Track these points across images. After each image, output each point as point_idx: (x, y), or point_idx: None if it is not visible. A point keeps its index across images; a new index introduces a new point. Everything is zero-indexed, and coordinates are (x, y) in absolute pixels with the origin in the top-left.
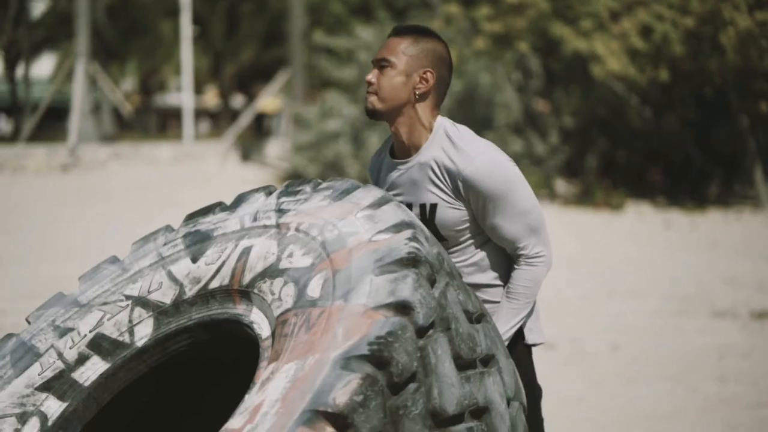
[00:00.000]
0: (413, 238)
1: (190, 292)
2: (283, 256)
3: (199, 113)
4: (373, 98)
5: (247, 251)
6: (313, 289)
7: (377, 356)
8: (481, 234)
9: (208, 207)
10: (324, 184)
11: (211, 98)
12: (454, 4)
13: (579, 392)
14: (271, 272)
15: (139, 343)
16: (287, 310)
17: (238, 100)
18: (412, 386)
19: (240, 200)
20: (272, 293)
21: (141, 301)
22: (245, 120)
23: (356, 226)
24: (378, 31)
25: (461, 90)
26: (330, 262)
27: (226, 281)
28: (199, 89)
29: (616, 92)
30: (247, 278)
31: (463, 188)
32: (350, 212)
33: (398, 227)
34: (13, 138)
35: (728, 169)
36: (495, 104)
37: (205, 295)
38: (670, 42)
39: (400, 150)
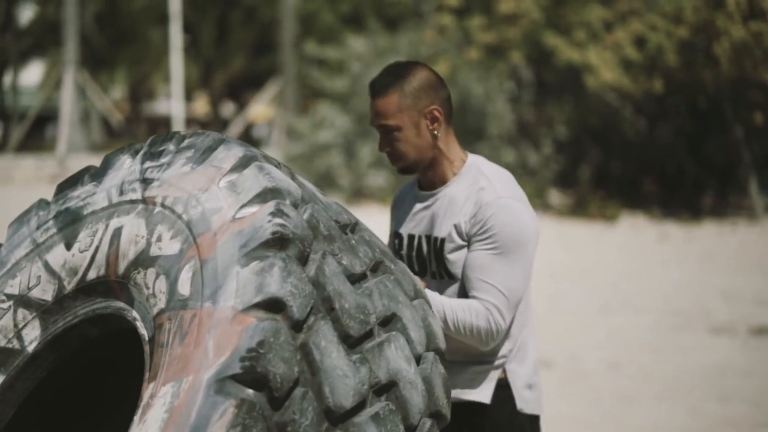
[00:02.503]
0: (277, 212)
1: (70, 285)
2: (153, 240)
3: (189, 121)
4: (399, 163)
5: (117, 234)
6: (183, 285)
7: (251, 374)
8: None
9: (76, 175)
10: (186, 142)
11: (201, 106)
12: (447, 14)
13: (577, 412)
14: (143, 260)
15: (30, 349)
16: (161, 311)
17: (228, 109)
18: (297, 393)
19: (106, 165)
20: (147, 287)
21: (22, 301)
22: (235, 129)
23: (219, 199)
24: (369, 41)
25: (454, 101)
26: (197, 248)
27: (102, 271)
28: (188, 97)
29: (610, 103)
30: (122, 267)
31: (475, 220)
32: (212, 180)
33: (262, 197)
34: (0, 147)
35: (723, 180)
36: (488, 115)
37: (86, 288)
38: (664, 52)
39: (426, 183)
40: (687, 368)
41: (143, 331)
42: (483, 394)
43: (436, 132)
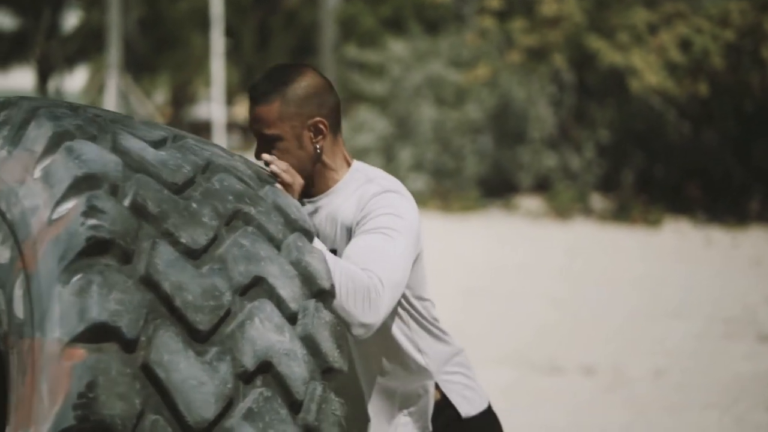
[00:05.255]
0: (90, 210)
1: None
2: None
3: (230, 126)
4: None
5: None
6: (18, 305)
7: (87, 424)
8: None
9: None
10: (3, 114)
11: (242, 111)
12: (488, 16)
13: (621, 421)
14: None
15: None
16: (5, 335)
17: None
18: (146, 425)
19: None
20: None
21: None
22: None
23: (35, 195)
24: (410, 45)
25: (495, 104)
26: (22, 259)
27: None
28: (229, 101)
29: (654, 106)
30: None
31: (359, 211)
32: (27, 169)
33: (75, 189)
34: None
35: None
36: (529, 118)
37: None
38: (710, 55)
39: (306, 191)
40: (734, 376)
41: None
42: (424, 425)
43: (319, 145)
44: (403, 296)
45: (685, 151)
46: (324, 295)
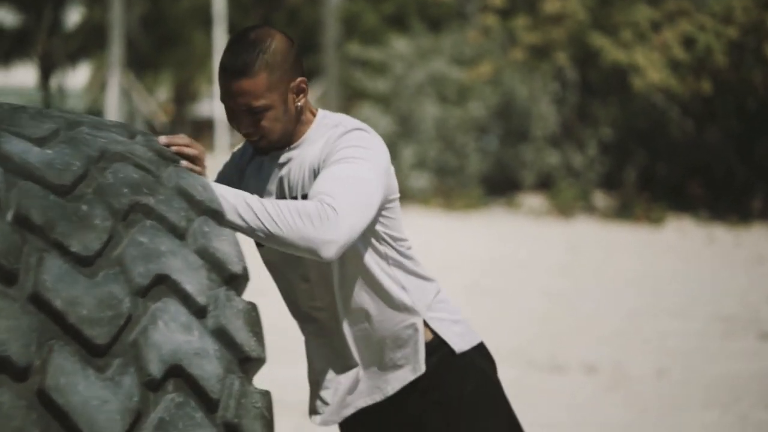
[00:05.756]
0: None
1: None
2: None
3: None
4: (263, 142)
5: None
6: None
7: None
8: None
9: None
10: None
11: None
12: (491, 14)
13: (623, 419)
14: None
15: None
16: None
17: None
18: None
19: None
20: None
21: None
22: None
23: None
24: (413, 42)
25: (498, 102)
26: None
27: None
28: None
29: (657, 104)
30: None
31: (325, 151)
32: None
33: None
34: None
35: None
36: (532, 116)
37: None
38: (713, 53)
39: (278, 146)
40: (736, 375)
41: None
42: (416, 366)
43: (299, 104)
44: (378, 234)
45: (687, 149)
46: (236, 281)
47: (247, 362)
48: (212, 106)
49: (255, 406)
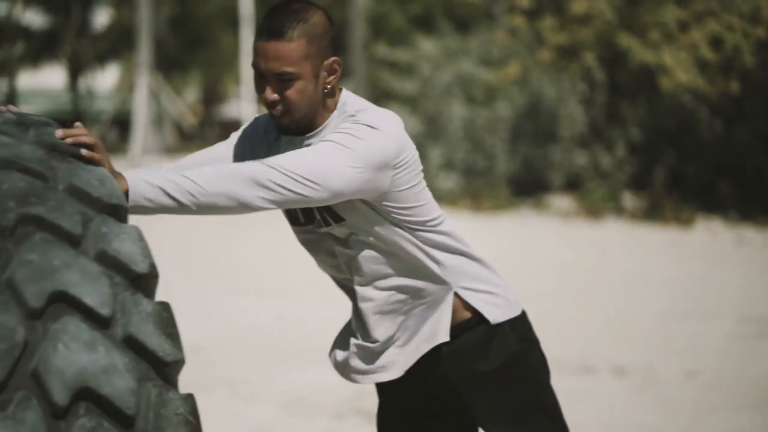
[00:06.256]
0: None
1: None
2: None
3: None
4: (286, 118)
5: None
6: None
7: None
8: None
9: None
10: None
11: None
12: (519, 15)
13: (652, 421)
14: None
15: None
16: None
17: None
18: None
19: None
20: None
21: None
22: None
23: None
24: (440, 43)
25: (525, 103)
26: None
27: None
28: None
29: (685, 104)
30: None
31: None
32: None
33: None
34: None
35: None
36: (560, 116)
37: None
38: (741, 53)
39: (299, 129)
40: (766, 377)
41: None
42: (439, 335)
43: (329, 86)
44: (400, 222)
45: (716, 150)
46: (143, 281)
47: (164, 367)
48: (240, 107)
49: (177, 413)
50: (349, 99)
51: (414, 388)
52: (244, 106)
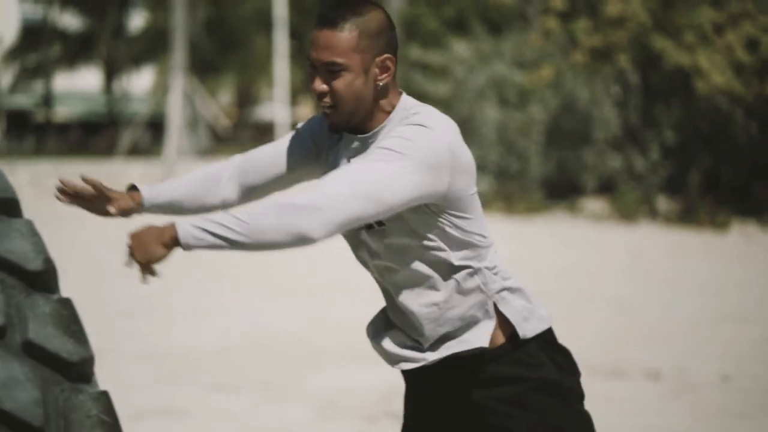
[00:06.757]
0: None
1: None
2: None
3: (294, 126)
4: (334, 114)
5: None
6: None
7: None
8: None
9: None
10: None
11: (306, 111)
12: (552, 17)
13: (686, 427)
14: None
15: None
16: None
17: None
18: None
19: None
20: None
21: None
22: None
23: None
24: (473, 46)
25: (558, 105)
26: None
27: None
28: (293, 102)
29: (720, 107)
30: None
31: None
32: None
33: None
34: (110, 152)
35: None
36: (593, 119)
37: None
38: None
39: (354, 129)
40: None
41: None
42: (478, 340)
43: (381, 83)
44: (443, 230)
45: (752, 152)
46: (37, 280)
47: (71, 368)
48: (273, 110)
49: (89, 415)
50: (408, 102)
51: (442, 405)
52: (278, 108)
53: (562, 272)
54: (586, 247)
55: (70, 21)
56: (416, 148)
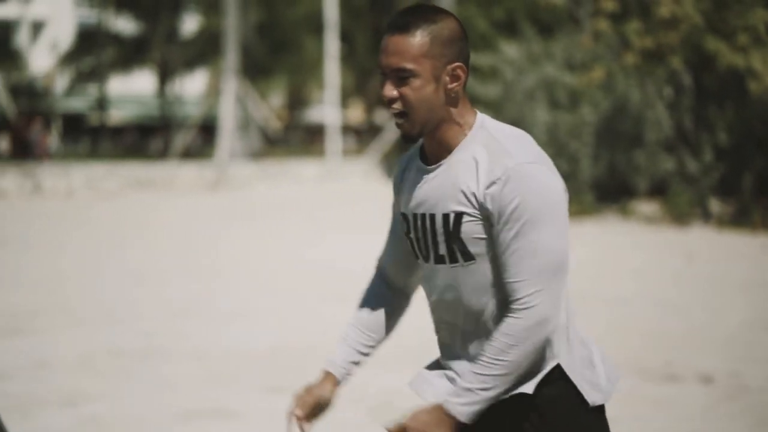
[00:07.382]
0: None
1: None
2: None
3: (345, 129)
4: (406, 123)
5: None
6: None
7: None
8: None
9: None
10: None
11: (356, 113)
12: (603, 18)
13: None
14: None
15: None
16: None
17: (382, 116)
18: None
19: None
20: None
21: None
22: (390, 135)
23: None
24: (523, 48)
25: (609, 107)
26: None
27: None
28: (344, 104)
29: None
30: None
31: (493, 192)
32: None
33: None
34: (163, 155)
35: None
36: (645, 121)
37: None
38: None
39: (431, 153)
40: None
41: None
42: (526, 385)
43: (453, 92)
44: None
45: None
46: None
47: None
48: (323, 112)
49: None
50: (486, 121)
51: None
52: (328, 110)
53: (614, 275)
54: (637, 249)
55: (124, 25)
56: (555, 203)
